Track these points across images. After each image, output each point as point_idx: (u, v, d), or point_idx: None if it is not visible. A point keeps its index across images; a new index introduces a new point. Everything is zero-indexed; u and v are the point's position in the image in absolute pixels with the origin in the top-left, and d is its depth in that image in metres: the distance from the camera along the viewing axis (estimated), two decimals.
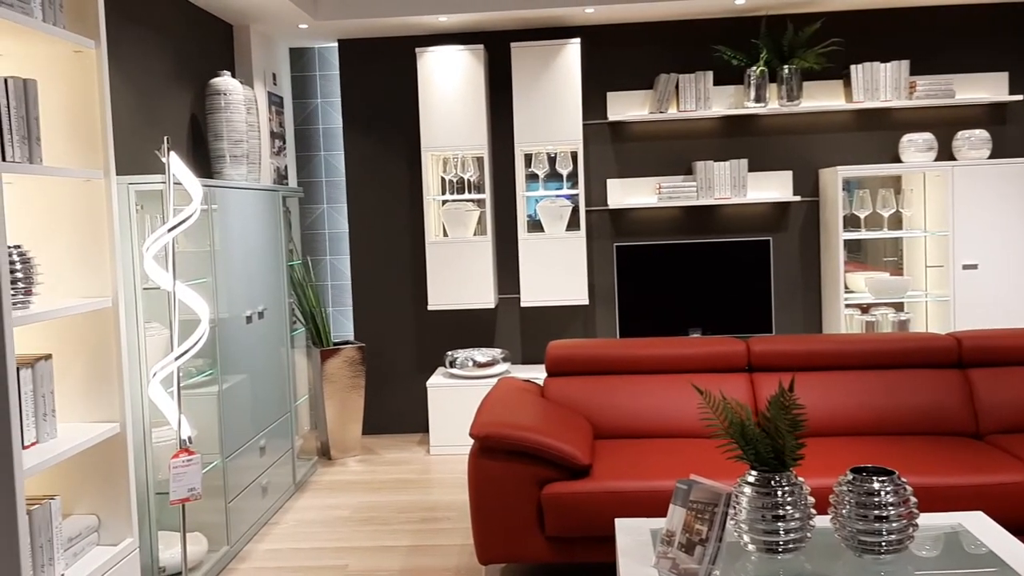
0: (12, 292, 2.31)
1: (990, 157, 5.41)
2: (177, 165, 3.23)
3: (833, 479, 3.17)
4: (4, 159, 2.26)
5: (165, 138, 3.28)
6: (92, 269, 2.68)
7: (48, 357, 2.52)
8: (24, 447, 2.41)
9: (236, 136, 4.48)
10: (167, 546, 3.57)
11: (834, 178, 5.33)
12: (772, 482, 2.35)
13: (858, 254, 5.65)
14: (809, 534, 2.37)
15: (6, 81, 2.30)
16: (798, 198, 5.52)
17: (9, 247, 2.32)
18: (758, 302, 5.53)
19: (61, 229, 2.67)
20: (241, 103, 4.49)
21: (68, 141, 2.66)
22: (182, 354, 3.19)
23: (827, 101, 5.54)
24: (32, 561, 2.32)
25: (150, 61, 4.23)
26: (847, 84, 5.47)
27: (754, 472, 2.38)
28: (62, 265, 2.68)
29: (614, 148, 5.71)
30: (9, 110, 2.30)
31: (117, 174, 3.68)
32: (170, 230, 3.15)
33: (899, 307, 5.52)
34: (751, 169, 5.64)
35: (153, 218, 3.56)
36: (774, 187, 5.62)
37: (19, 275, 2.35)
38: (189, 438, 3.26)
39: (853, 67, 5.38)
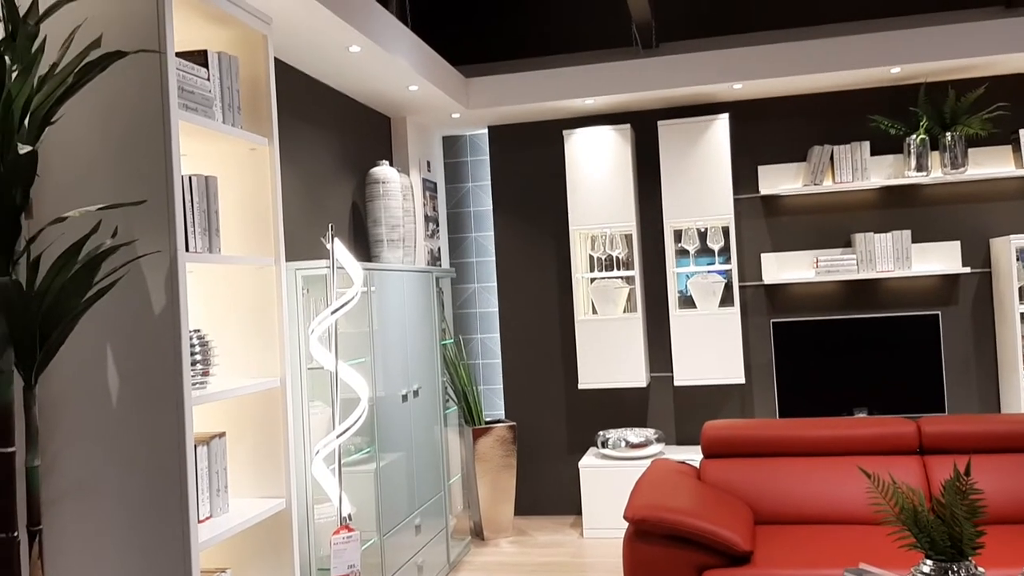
0: (191, 373, 2.47)
1: None
2: (340, 251, 3.40)
3: (1017, 570, 2.91)
4: (187, 249, 2.44)
5: (330, 225, 3.47)
6: (262, 350, 2.84)
7: (222, 435, 2.66)
8: (199, 521, 2.54)
9: (393, 221, 4.67)
10: None
11: (1007, 247, 5.03)
12: (950, 572, 2.19)
13: None
14: None
15: (190, 179, 2.49)
16: (968, 270, 5.24)
17: (190, 332, 2.49)
18: (928, 380, 5.23)
19: (235, 313, 2.84)
20: (398, 190, 4.70)
21: (242, 231, 2.85)
22: (343, 431, 3.31)
23: (995, 168, 5.28)
24: None
25: (316, 154, 4.50)
26: (1016, 149, 5.20)
27: (929, 561, 2.23)
28: (235, 347, 2.84)
29: (767, 222, 5.61)
30: (192, 205, 2.49)
31: (286, 260, 3.91)
32: (333, 312, 3.30)
33: None
34: (915, 240, 5.40)
35: (317, 300, 3.74)
36: (941, 259, 5.35)
37: (198, 357, 2.51)
38: (349, 515, 3.35)
39: (1023, 131, 5.12)
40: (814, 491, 3.68)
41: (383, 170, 4.67)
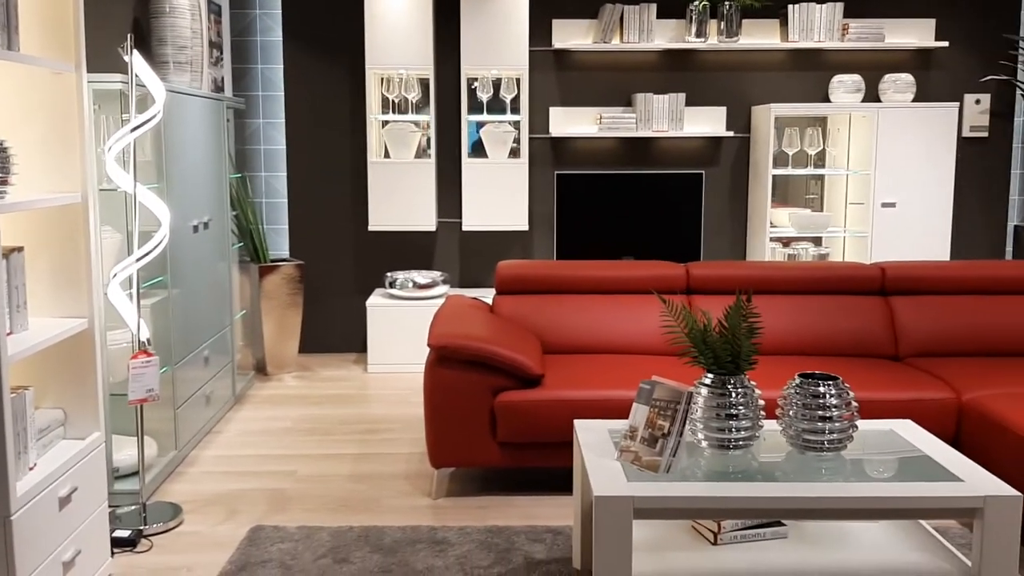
0: None
1: (913, 100, 5.68)
2: (140, 65, 3.18)
3: (775, 391, 3.39)
4: None
5: (128, 35, 3.22)
6: (62, 164, 2.66)
7: (20, 249, 2.51)
8: None
9: (181, 42, 4.39)
10: (118, 449, 3.59)
11: (766, 115, 5.53)
12: (728, 384, 2.53)
13: (781, 190, 5.89)
14: (758, 433, 2.57)
15: None
16: (731, 134, 5.72)
17: None
18: (688, 233, 5.74)
19: (33, 122, 2.63)
20: (186, 8, 4.40)
21: (40, 33, 2.61)
22: (144, 255, 3.19)
23: (764, 39, 5.71)
24: (12, 448, 2.34)
25: None
26: (784, 23, 5.65)
27: (711, 375, 2.56)
28: (33, 159, 2.64)
29: (558, 76, 5.78)
30: None
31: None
32: (133, 130, 3.12)
33: (817, 242, 5.80)
34: (688, 103, 5.79)
35: (108, 120, 3.50)
36: (709, 122, 5.79)
37: None
38: (148, 340, 3.28)
39: (790, 7, 5.56)
40: (596, 324, 4.02)
41: None
